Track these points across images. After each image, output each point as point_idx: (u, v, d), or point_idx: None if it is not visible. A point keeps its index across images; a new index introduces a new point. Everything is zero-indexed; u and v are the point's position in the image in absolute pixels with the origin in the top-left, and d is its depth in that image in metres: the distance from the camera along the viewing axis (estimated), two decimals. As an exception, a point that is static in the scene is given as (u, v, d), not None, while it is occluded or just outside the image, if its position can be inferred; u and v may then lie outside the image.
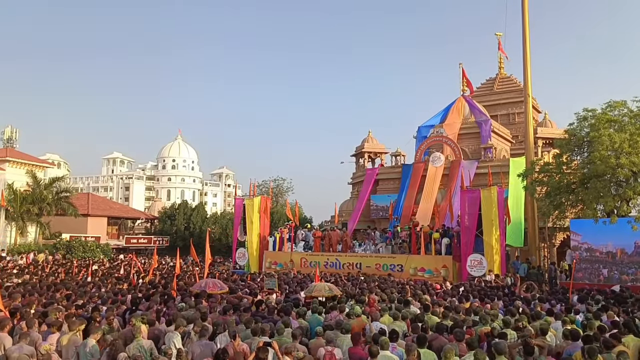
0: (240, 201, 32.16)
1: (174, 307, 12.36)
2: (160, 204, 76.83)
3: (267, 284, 16.67)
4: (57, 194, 41.46)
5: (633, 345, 8.88)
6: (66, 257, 35.01)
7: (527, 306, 13.20)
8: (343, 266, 26.13)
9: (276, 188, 69.86)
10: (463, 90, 36.89)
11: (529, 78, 28.47)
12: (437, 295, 15.81)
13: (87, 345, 8.42)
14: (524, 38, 28.49)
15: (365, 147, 39.17)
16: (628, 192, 20.56)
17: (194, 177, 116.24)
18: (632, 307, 12.98)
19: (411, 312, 11.43)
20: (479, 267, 22.59)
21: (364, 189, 35.19)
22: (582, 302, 14.22)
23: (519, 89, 36.93)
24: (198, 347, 8.58)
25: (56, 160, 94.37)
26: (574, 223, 22.86)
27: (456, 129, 34.19)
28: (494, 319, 10.90)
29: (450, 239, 24.71)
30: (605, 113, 21.88)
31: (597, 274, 21.29)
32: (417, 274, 23.81)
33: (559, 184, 22.66)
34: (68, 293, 14.06)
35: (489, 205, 23.12)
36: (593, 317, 10.94)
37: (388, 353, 7.97)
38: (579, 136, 22.70)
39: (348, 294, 14.91)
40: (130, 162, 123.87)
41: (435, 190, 31.47)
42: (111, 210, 55.73)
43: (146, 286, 17.18)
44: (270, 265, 28.74)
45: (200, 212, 58.11)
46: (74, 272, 23.99)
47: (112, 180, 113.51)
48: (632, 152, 19.86)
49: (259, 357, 7.53)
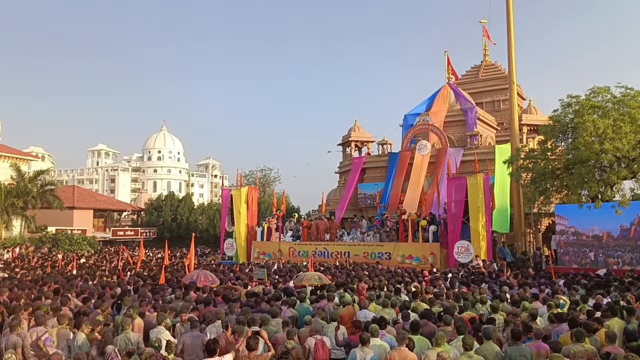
0: (227, 192, 32.11)
1: (161, 298, 12.38)
2: (146, 196, 76.42)
3: (257, 274, 16.72)
4: (41, 187, 40.98)
5: (618, 327, 9.05)
6: (52, 250, 34.78)
7: (514, 291, 13.38)
8: (331, 255, 26.25)
9: (263, 178, 69.72)
10: (448, 78, 36.98)
11: (513, 65, 28.59)
12: (425, 281, 15.97)
13: (77, 339, 8.41)
14: (509, 25, 28.55)
15: (352, 136, 39.17)
16: (612, 177, 20.81)
17: (180, 168, 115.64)
18: (617, 291, 13.17)
19: (400, 300, 11.53)
20: (466, 254, 22.79)
21: (351, 178, 35.24)
22: (568, 286, 14.43)
23: (504, 76, 37.05)
24: (188, 339, 8.60)
25: (40, 153, 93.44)
26: (560, 208, 23.11)
27: (442, 117, 34.27)
28: (482, 304, 11.05)
29: (437, 226, 24.88)
30: (589, 99, 22.06)
31: (584, 257, 21.60)
32: (405, 261, 23.97)
33: (544, 170, 22.87)
34: (56, 287, 13.99)
35: (475, 192, 23.29)
36: (581, 301, 11.13)
37: (378, 340, 8.05)
38: (564, 122, 22.88)
39: (338, 282, 15.01)
40: (116, 154, 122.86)
41: (422, 178, 31.60)
42: (97, 202, 55.35)
43: (134, 278, 17.15)
44: (259, 255, 28.77)
45: (187, 203, 57.93)
46: (60, 266, 23.84)
47: (97, 172, 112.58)
48: (615, 138, 20.06)
49: (249, 345, 7.58)
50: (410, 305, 10.71)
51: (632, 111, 20.60)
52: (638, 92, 21.67)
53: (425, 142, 32.84)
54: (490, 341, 7.73)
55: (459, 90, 35.94)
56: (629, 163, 20.87)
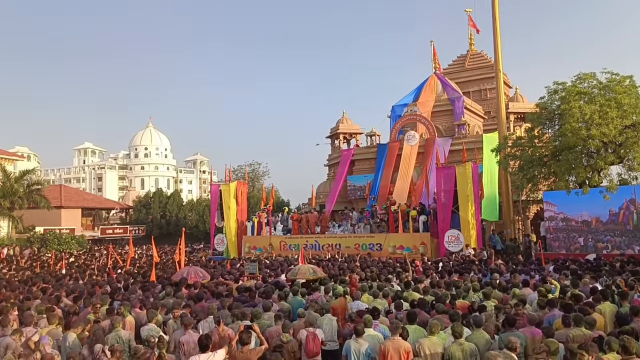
0: (216, 187, 31.95)
1: (152, 295, 12.30)
2: (134, 193, 76.01)
3: (248, 268, 16.66)
4: (28, 187, 40.57)
5: (609, 311, 9.11)
6: (40, 250, 34.47)
7: (504, 278, 13.44)
8: (322, 247, 26.25)
9: (252, 173, 69.47)
10: (435, 68, 36.98)
11: (499, 54, 28.62)
12: (416, 271, 16.01)
13: (67, 340, 8.31)
14: (494, 14, 28.54)
15: (340, 128, 39.08)
16: (599, 163, 20.93)
17: (168, 165, 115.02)
18: (607, 275, 13.25)
19: (392, 290, 11.54)
20: (456, 243, 22.87)
21: (340, 170, 35.17)
22: (558, 272, 14.51)
23: (490, 65, 37.12)
24: (180, 336, 8.52)
25: (26, 152, 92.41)
26: (548, 195, 23.23)
27: (429, 107, 34.27)
28: (474, 292, 11.08)
29: (427, 216, 24.93)
30: (575, 86, 22.12)
31: (574, 243, 21.76)
32: (396, 251, 24.00)
33: (531, 158, 22.96)
34: (45, 286, 13.85)
35: (464, 181, 23.35)
36: (571, 286, 11.19)
37: (372, 331, 8.04)
38: (550, 109, 22.94)
39: (330, 274, 15.01)
40: (102, 152, 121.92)
41: (411, 168, 31.62)
42: (85, 201, 54.92)
43: (124, 276, 17.03)
44: (250, 250, 28.69)
45: (176, 200, 57.66)
46: (50, 265, 23.62)
47: (84, 171, 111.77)
48: (602, 124, 20.15)
49: (242, 339, 7.54)
50: (402, 295, 10.71)
51: (618, 96, 20.67)
52: (624, 77, 21.77)
53: (413, 133, 32.85)
54: (480, 329, 7.77)
55: (446, 80, 35.96)
56: (615, 148, 20.99)
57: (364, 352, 7.66)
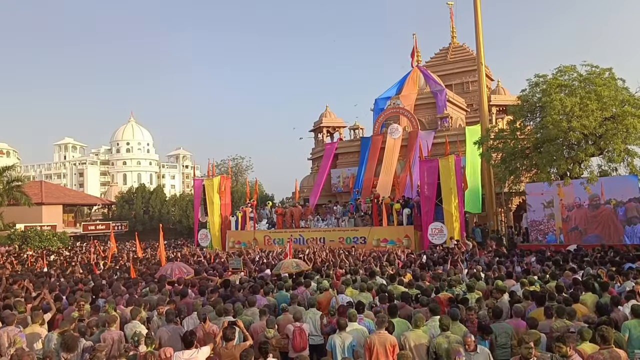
0: (199, 182, 31.78)
1: (136, 292, 12.20)
2: (116, 189, 75.25)
3: (232, 263, 16.60)
4: (8, 184, 39.93)
5: (591, 302, 9.25)
6: (22, 247, 34.03)
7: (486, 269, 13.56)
8: (307, 241, 26.21)
9: (235, 167, 69.16)
10: (418, 61, 37.06)
11: (481, 46, 28.76)
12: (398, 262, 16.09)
13: (51, 340, 8.17)
14: (475, 6, 28.67)
15: (323, 122, 39.05)
16: (580, 155, 21.20)
17: (150, 160, 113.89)
18: (590, 266, 13.42)
19: (376, 283, 11.57)
20: (439, 235, 23.00)
21: (324, 164, 35.18)
22: (541, 263, 14.67)
23: (472, 57, 37.30)
24: (166, 332, 8.45)
25: (4, 148, 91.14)
26: (530, 187, 23.47)
27: (412, 100, 34.37)
28: (458, 285, 11.16)
29: (411, 209, 25.03)
30: (556, 78, 22.34)
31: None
32: (380, 245, 24.08)
33: (513, 150, 23.17)
34: (26, 284, 13.65)
35: (447, 174, 23.47)
36: (550, 278, 11.33)
37: (356, 325, 8.06)
38: (532, 102, 23.14)
39: (315, 268, 15.01)
40: (83, 147, 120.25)
41: (395, 161, 31.73)
42: (66, 197, 54.26)
43: (108, 273, 16.87)
44: (234, 244, 28.60)
45: (159, 195, 57.30)
46: (30, 263, 23.31)
47: (65, 166, 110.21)
48: (582, 116, 20.38)
49: (226, 335, 7.52)
50: (386, 288, 10.74)
51: (598, 89, 20.93)
52: (603, 70, 22.05)
53: (396, 126, 32.95)
54: (457, 322, 7.90)
55: (428, 73, 36.07)
56: (595, 140, 21.26)
57: (348, 345, 7.67)
